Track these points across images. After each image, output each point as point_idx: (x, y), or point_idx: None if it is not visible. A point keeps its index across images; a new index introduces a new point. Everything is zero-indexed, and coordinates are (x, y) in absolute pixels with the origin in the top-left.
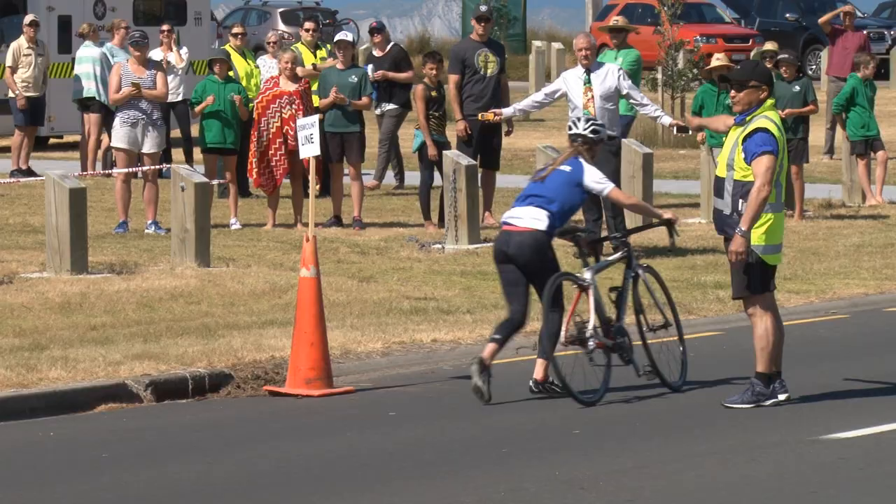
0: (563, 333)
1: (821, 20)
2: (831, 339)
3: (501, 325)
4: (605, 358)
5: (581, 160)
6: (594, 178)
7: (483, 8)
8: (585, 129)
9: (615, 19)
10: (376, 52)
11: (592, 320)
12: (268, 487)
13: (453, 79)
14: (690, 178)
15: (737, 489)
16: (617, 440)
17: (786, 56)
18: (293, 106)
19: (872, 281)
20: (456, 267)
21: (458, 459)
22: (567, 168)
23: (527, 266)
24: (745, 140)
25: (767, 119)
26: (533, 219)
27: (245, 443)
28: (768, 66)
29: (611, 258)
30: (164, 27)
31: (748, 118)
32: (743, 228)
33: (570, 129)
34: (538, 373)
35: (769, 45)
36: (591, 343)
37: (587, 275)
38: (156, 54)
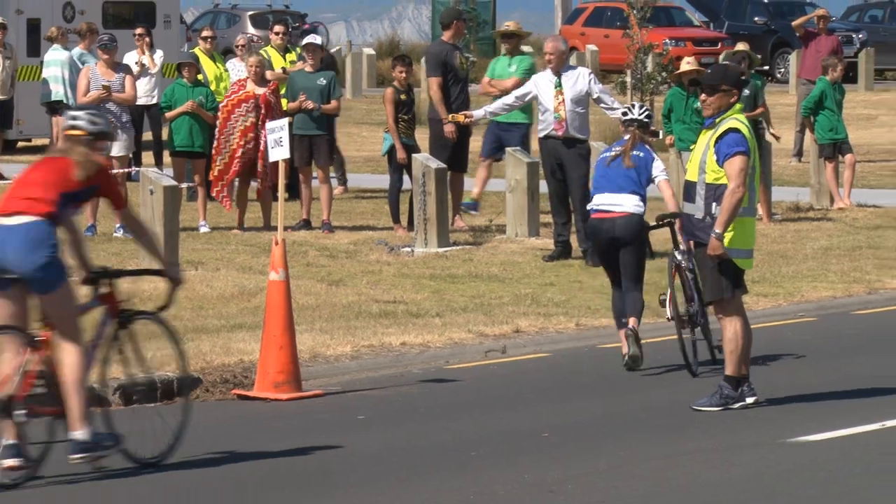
0: (668, 311)
1: (795, 23)
2: (799, 342)
3: (617, 301)
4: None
5: (647, 146)
6: (659, 165)
7: (461, 7)
8: (641, 115)
9: (507, 24)
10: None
11: (697, 299)
12: (236, 491)
13: (437, 81)
14: None
15: (708, 491)
16: (586, 443)
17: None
18: (259, 111)
19: (840, 284)
20: (425, 270)
21: (428, 462)
22: (640, 153)
23: (629, 244)
24: (716, 142)
25: (738, 121)
26: (634, 205)
27: (213, 446)
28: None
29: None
30: (139, 30)
31: (718, 120)
32: (718, 231)
33: (626, 114)
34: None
35: (741, 46)
36: (700, 320)
37: (680, 256)
38: (130, 57)
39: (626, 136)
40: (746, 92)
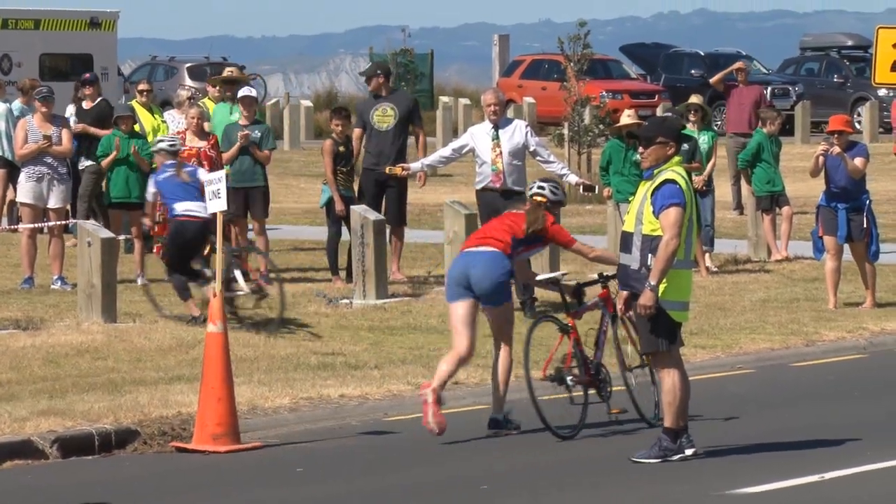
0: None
1: (712, 80)
2: (738, 395)
3: (178, 280)
4: None
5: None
6: (204, 173)
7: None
8: (174, 145)
9: (228, 70)
10: (85, 105)
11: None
12: None
13: (356, 133)
14: (597, 233)
15: None
16: (524, 495)
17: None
18: (202, 167)
19: (778, 336)
20: (364, 322)
21: None
22: (190, 169)
23: (207, 242)
24: (653, 193)
25: (675, 173)
26: (206, 210)
27: (151, 499)
28: (692, 118)
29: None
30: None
31: (656, 172)
32: (652, 283)
33: (161, 141)
34: None
35: (694, 99)
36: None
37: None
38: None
39: (173, 161)
40: (685, 146)
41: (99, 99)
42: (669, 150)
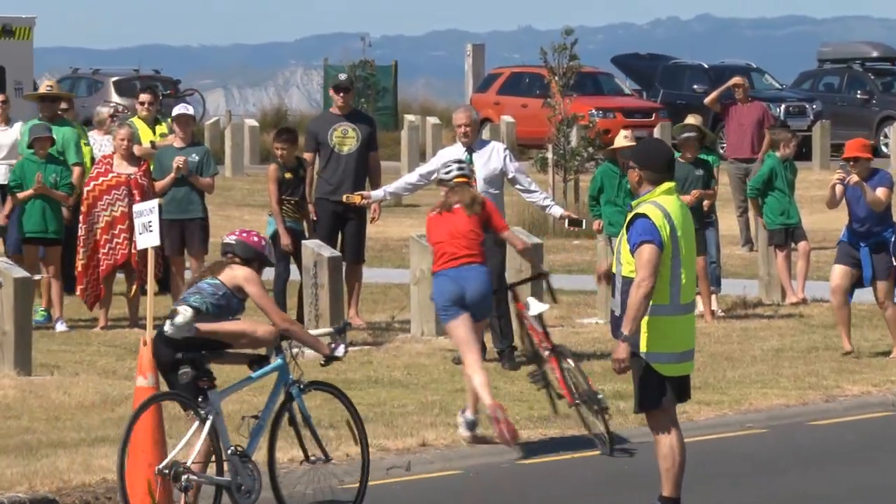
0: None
1: (707, 100)
2: (747, 457)
3: None
4: None
5: None
6: None
7: (342, 76)
8: None
9: (48, 85)
10: None
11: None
12: None
13: (307, 157)
14: (586, 272)
15: None
16: None
17: (686, 134)
18: (132, 198)
19: (794, 391)
20: (317, 375)
21: None
22: None
23: None
24: (627, 229)
25: (652, 205)
26: None
27: None
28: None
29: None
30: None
31: (633, 204)
32: (623, 332)
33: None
34: None
35: (691, 119)
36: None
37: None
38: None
39: None
40: (699, 172)
41: None
42: (635, 175)
